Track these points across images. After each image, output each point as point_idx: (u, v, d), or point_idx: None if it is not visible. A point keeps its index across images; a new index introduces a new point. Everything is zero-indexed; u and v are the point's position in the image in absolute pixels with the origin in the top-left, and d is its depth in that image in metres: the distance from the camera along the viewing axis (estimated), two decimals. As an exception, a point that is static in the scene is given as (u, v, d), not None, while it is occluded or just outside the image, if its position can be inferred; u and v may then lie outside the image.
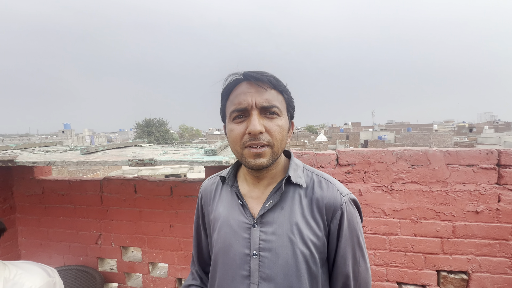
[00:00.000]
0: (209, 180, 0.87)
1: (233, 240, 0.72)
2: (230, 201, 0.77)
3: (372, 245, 1.47)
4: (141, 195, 1.78)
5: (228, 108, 0.71)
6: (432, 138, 26.98)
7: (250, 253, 0.70)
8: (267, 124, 0.66)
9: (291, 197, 0.72)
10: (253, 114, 0.66)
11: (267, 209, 0.71)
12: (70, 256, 1.95)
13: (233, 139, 0.69)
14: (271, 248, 0.69)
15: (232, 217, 0.74)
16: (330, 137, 40.90)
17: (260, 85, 0.66)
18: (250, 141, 0.65)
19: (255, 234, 0.70)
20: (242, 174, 0.80)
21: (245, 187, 0.77)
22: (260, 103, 0.66)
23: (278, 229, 0.69)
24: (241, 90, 0.67)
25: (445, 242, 1.40)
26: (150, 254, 1.83)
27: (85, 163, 1.16)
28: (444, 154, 1.37)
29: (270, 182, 0.75)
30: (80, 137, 39.17)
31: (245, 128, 0.66)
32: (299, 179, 0.73)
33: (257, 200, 0.74)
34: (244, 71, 0.68)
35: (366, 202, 1.45)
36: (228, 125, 0.71)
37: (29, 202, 1.96)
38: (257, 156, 0.66)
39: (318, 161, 1.47)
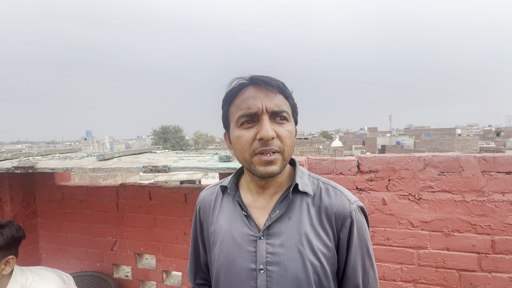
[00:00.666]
0: (208, 190, 0.82)
1: (236, 254, 0.67)
2: (232, 212, 0.72)
3: (399, 259, 1.36)
4: (155, 201, 1.78)
5: (233, 113, 0.67)
6: (455, 143, 25.61)
7: (256, 268, 0.65)
8: (277, 130, 0.63)
9: (298, 206, 0.68)
10: (264, 119, 0.62)
11: (274, 220, 0.66)
12: (87, 261, 1.96)
13: (242, 146, 0.64)
14: (279, 262, 0.64)
15: (235, 229, 0.69)
16: (346, 143, 40.02)
17: (269, 89, 0.64)
18: (261, 147, 0.61)
19: (262, 247, 0.65)
20: (244, 183, 0.75)
21: (248, 197, 0.72)
22: (270, 107, 0.63)
23: (286, 241, 0.65)
24: (249, 94, 0.64)
25: (482, 258, 1.26)
26: (164, 262, 1.80)
27: (101, 169, 1.16)
28: (479, 160, 1.25)
29: (276, 191, 0.70)
30: (101, 144, 40.96)
31: (254, 134, 0.62)
32: (306, 187, 0.69)
33: (262, 210, 0.69)
34: (251, 75, 0.65)
35: (391, 212, 1.35)
36: (235, 132, 0.66)
37: (50, 207, 2.01)
38: (268, 164, 0.62)
39: (337, 168, 1.39)
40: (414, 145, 32.82)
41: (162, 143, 31.70)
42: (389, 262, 1.37)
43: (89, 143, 39.62)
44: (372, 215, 1.37)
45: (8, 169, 1.24)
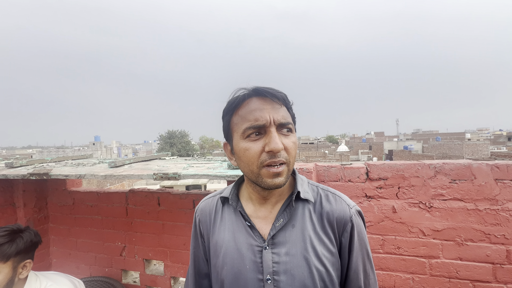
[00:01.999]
0: (207, 201, 0.80)
1: (242, 265, 0.67)
2: (234, 223, 0.71)
3: (410, 268, 1.33)
4: (164, 207, 1.80)
5: (238, 124, 0.66)
6: (465, 147, 25.05)
7: (263, 278, 0.65)
8: (284, 141, 0.64)
9: (301, 213, 0.69)
10: (272, 131, 0.62)
11: (278, 229, 0.67)
12: (96, 266, 1.99)
13: (249, 158, 0.64)
14: (286, 270, 0.64)
15: (239, 240, 0.69)
16: (352, 148, 39.64)
17: (276, 101, 0.64)
18: (270, 159, 0.62)
19: (268, 256, 0.66)
20: (245, 193, 0.74)
21: (250, 207, 0.72)
22: (278, 119, 0.63)
23: (292, 249, 0.66)
24: (255, 106, 0.64)
25: (497, 268, 1.23)
26: (172, 268, 1.81)
27: (113, 176, 1.19)
28: (492, 168, 1.22)
29: (277, 200, 0.71)
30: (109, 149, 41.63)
31: (262, 146, 0.63)
32: (307, 194, 0.70)
33: (265, 220, 0.70)
34: (255, 86, 0.65)
35: (401, 220, 1.33)
36: (240, 143, 0.65)
37: (61, 212, 2.05)
38: (275, 176, 0.63)
39: (346, 175, 1.39)
40: (422, 150, 32.27)
41: (168, 147, 32.01)
42: (400, 271, 1.35)
43: (97, 147, 40.36)
44: (381, 223, 1.35)
45: (24, 175, 1.27)
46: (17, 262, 1.06)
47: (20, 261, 1.07)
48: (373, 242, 1.36)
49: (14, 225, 1.13)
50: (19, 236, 1.09)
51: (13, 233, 1.08)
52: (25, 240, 1.09)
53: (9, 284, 1.04)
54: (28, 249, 1.10)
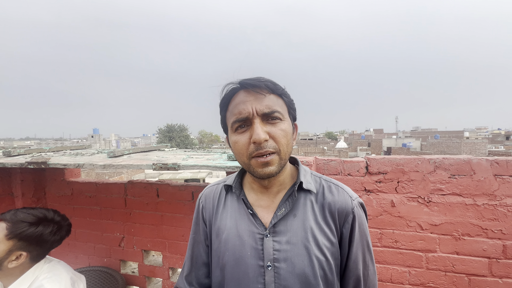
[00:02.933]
0: (210, 188, 0.82)
1: (243, 252, 0.68)
2: (237, 210, 0.73)
3: (407, 262, 1.34)
4: (163, 199, 1.79)
5: (228, 119, 0.68)
6: (463, 146, 25.16)
7: (264, 265, 0.66)
8: (270, 130, 0.64)
9: (302, 203, 0.70)
10: (255, 122, 0.63)
11: (280, 218, 0.68)
12: (95, 257, 1.99)
13: (239, 150, 0.66)
14: (286, 258, 0.66)
15: (241, 227, 0.70)
16: (351, 144, 39.72)
17: (258, 92, 0.64)
18: (256, 151, 0.63)
19: (269, 244, 0.67)
20: (247, 182, 0.76)
21: (252, 196, 0.74)
22: (261, 110, 0.64)
23: (293, 238, 0.67)
24: (240, 99, 0.65)
25: (493, 263, 1.24)
26: (170, 259, 1.82)
27: (111, 166, 1.18)
28: (491, 164, 1.23)
29: (279, 190, 0.72)
30: (107, 142, 41.51)
31: (249, 137, 0.64)
32: (310, 185, 0.71)
33: (267, 209, 0.71)
34: (240, 79, 0.66)
35: (400, 214, 1.34)
36: (231, 137, 0.68)
37: (60, 202, 2.05)
38: (265, 165, 0.63)
39: (345, 169, 1.39)
40: (420, 147, 32.39)
41: (167, 141, 31.97)
42: (396, 264, 1.36)
43: (95, 140, 40.20)
44: (380, 217, 1.36)
45: (22, 164, 1.26)
46: (17, 247, 1.02)
47: (20, 248, 1.03)
48: (371, 235, 1.37)
49: (56, 215, 1.13)
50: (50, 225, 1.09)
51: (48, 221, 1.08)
52: (46, 232, 1.07)
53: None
54: (37, 241, 1.06)
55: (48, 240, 1.10)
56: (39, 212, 1.10)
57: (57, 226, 1.13)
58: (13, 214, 1.06)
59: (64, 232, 1.18)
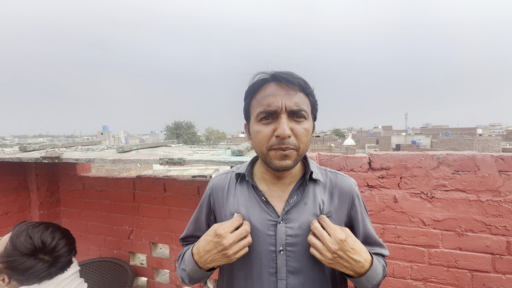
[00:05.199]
0: (220, 176, 0.84)
1: (256, 238, 0.72)
2: (248, 199, 0.75)
3: (409, 257, 1.35)
4: (170, 193, 1.85)
5: (254, 108, 0.70)
6: (475, 143, 24.48)
7: (276, 250, 0.70)
8: (294, 127, 0.66)
9: (312, 192, 0.74)
10: (282, 117, 0.65)
11: (292, 205, 0.72)
12: (105, 248, 2.08)
13: (260, 140, 0.67)
14: (297, 243, 0.70)
15: (253, 215, 0.73)
16: (359, 141, 39.19)
17: (291, 87, 0.66)
18: (277, 145, 0.65)
19: (281, 230, 0.71)
20: (259, 172, 0.78)
21: (263, 186, 0.76)
22: (289, 106, 0.65)
23: (304, 224, 0.71)
24: (270, 91, 0.66)
25: (497, 259, 1.24)
26: (177, 252, 1.87)
27: (121, 161, 1.23)
28: (496, 160, 1.22)
29: (290, 182, 0.75)
30: (117, 138, 42.27)
31: (272, 130, 0.66)
32: (318, 175, 0.76)
33: (279, 198, 0.74)
34: (273, 71, 0.67)
35: (402, 210, 1.34)
36: (254, 126, 0.69)
37: (72, 196, 2.14)
38: (283, 158, 0.66)
39: (348, 165, 1.40)
40: (430, 145, 31.67)
41: (174, 138, 32.33)
42: (399, 259, 1.37)
43: (105, 137, 41.01)
44: (382, 212, 1.37)
45: (37, 159, 1.33)
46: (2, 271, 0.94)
47: (4, 272, 0.94)
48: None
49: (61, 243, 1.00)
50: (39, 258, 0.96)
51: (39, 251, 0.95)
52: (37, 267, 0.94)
53: None
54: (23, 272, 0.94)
55: (38, 275, 0.97)
56: (42, 238, 0.99)
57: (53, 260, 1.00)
58: (17, 234, 0.97)
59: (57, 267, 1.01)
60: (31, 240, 0.97)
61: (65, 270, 1.05)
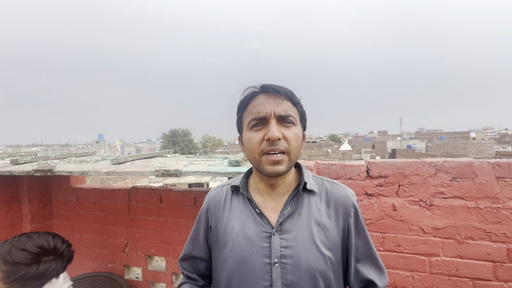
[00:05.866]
0: (216, 189, 0.85)
1: (250, 251, 0.71)
2: (243, 211, 0.76)
3: (410, 266, 1.34)
4: (166, 204, 1.81)
5: (245, 118, 0.73)
6: (469, 147, 24.79)
7: (271, 262, 0.70)
8: (284, 132, 0.69)
9: (307, 203, 0.74)
10: (271, 122, 0.69)
11: (286, 216, 0.72)
12: (99, 262, 2.02)
13: (251, 146, 0.70)
14: (292, 255, 0.69)
15: (248, 227, 0.73)
16: (355, 146, 39.45)
17: (278, 96, 0.70)
18: (268, 147, 0.67)
19: (276, 242, 0.70)
20: (253, 183, 0.79)
21: (258, 198, 0.77)
22: (278, 112, 0.69)
23: (299, 235, 0.71)
24: (259, 101, 0.71)
25: (498, 267, 1.23)
26: (173, 265, 1.83)
27: (115, 173, 1.21)
28: (493, 166, 1.22)
29: (285, 192, 0.76)
30: (112, 147, 41.93)
31: (263, 135, 0.69)
32: (312, 186, 0.76)
33: (273, 209, 0.74)
34: (262, 84, 0.72)
35: (402, 218, 1.33)
36: (246, 134, 0.72)
37: (65, 208, 2.08)
38: (275, 164, 0.68)
39: (346, 173, 1.39)
40: (426, 149, 32.01)
41: (171, 146, 32.18)
42: (400, 269, 1.35)
43: (100, 146, 40.64)
44: (381, 221, 1.36)
45: (29, 172, 1.30)
46: None
47: None
48: (373, 239, 1.37)
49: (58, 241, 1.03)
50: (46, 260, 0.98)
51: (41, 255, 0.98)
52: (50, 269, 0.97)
53: None
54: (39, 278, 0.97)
55: (53, 275, 1.01)
56: (36, 245, 0.99)
57: (59, 256, 1.03)
58: (7, 253, 0.95)
59: (66, 260, 1.07)
60: (29, 244, 0.99)
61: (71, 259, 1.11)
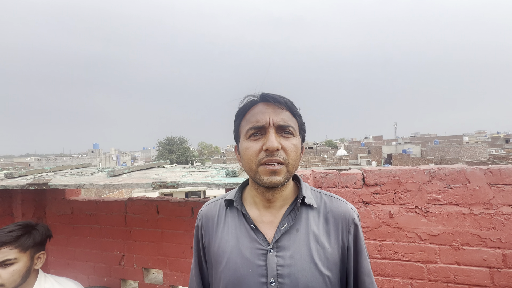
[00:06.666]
0: (209, 205, 0.80)
1: (245, 270, 0.67)
2: (238, 227, 0.72)
3: (408, 273, 1.34)
4: (163, 215, 1.80)
5: (243, 127, 0.71)
6: (463, 150, 25.14)
7: (267, 281, 0.66)
8: (283, 142, 0.67)
9: (305, 218, 0.71)
10: (270, 131, 0.66)
11: (283, 232, 0.68)
12: (95, 276, 1.97)
13: (249, 156, 0.67)
14: (290, 274, 0.66)
15: (243, 244, 0.69)
16: (351, 152, 39.70)
17: (278, 106, 0.68)
18: (266, 158, 0.65)
19: (272, 260, 0.67)
20: (249, 197, 0.75)
21: (254, 211, 0.73)
22: (277, 121, 0.67)
23: (296, 253, 0.67)
24: (259, 109, 0.69)
25: (494, 272, 1.24)
26: (171, 277, 1.80)
27: (112, 186, 1.20)
28: (485, 173, 1.25)
29: (282, 205, 0.72)
30: (108, 156, 41.48)
31: (261, 145, 0.66)
32: (311, 200, 0.73)
33: (269, 224, 0.71)
34: (261, 93, 0.70)
35: (398, 225, 1.34)
36: (243, 143, 0.70)
37: (60, 221, 2.05)
38: (272, 174, 0.65)
39: (342, 181, 1.40)
40: (420, 153, 32.36)
41: (167, 154, 31.96)
42: (398, 277, 1.35)
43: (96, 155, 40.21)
44: (379, 229, 1.36)
45: (23, 186, 1.28)
46: (34, 252, 1.17)
47: (36, 252, 1.18)
48: (371, 247, 1.37)
49: (27, 221, 1.24)
50: (34, 229, 1.20)
51: (28, 227, 1.18)
52: (41, 232, 1.20)
53: (27, 273, 1.14)
54: (43, 241, 1.22)
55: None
56: (16, 224, 1.18)
57: (45, 225, 1.28)
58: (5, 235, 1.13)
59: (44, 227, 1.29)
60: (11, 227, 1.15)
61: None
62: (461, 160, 21.21)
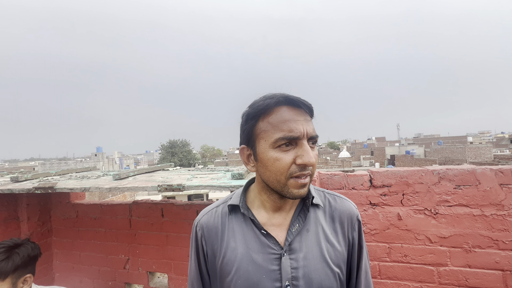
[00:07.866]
0: (209, 213, 0.75)
1: (258, 276, 0.65)
2: (245, 233, 0.69)
3: (418, 277, 1.31)
4: (168, 219, 1.79)
5: (268, 132, 0.64)
6: (467, 151, 24.89)
7: (282, 285, 0.65)
8: None
9: (313, 218, 0.72)
10: (305, 144, 0.63)
11: (295, 234, 0.68)
12: (99, 280, 1.96)
13: (279, 169, 0.63)
14: (304, 275, 0.65)
15: (254, 250, 0.67)
16: (354, 153, 39.49)
17: (307, 113, 0.65)
18: (299, 172, 0.62)
19: (286, 263, 0.66)
20: (257, 200, 0.73)
21: (263, 215, 0.71)
22: (310, 133, 0.64)
23: (309, 253, 0.67)
24: (289, 116, 0.63)
25: (508, 275, 1.21)
26: (176, 281, 1.78)
27: (117, 189, 1.19)
28: (496, 173, 1.22)
29: (291, 207, 0.72)
30: (111, 159, 41.68)
31: (293, 157, 0.62)
32: (317, 200, 0.74)
33: (279, 227, 0.69)
34: (285, 94, 0.65)
35: (407, 227, 1.32)
36: (270, 152, 0.64)
37: (65, 225, 2.05)
38: (302, 187, 0.64)
39: (349, 183, 1.39)
40: (424, 154, 32.10)
41: (170, 157, 32.04)
42: (408, 280, 1.32)
43: (99, 159, 40.43)
44: (387, 231, 1.34)
45: (29, 190, 1.28)
46: (16, 278, 1.06)
47: (19, 276, 1.07)
48: (379, 250, 1.35)
49: (10, 240, 1.12)
50: (15, 252, 1.08)
51: (9, 250, 1.07)
52: (22, 255, 1.08)
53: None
54: (27, 263, 1.09)
55: (37, 254, 1.15)
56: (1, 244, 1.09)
57: (32, 242, 1.16)
58: None
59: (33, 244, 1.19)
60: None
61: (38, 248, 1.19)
62: (465, 161, 20.99)
